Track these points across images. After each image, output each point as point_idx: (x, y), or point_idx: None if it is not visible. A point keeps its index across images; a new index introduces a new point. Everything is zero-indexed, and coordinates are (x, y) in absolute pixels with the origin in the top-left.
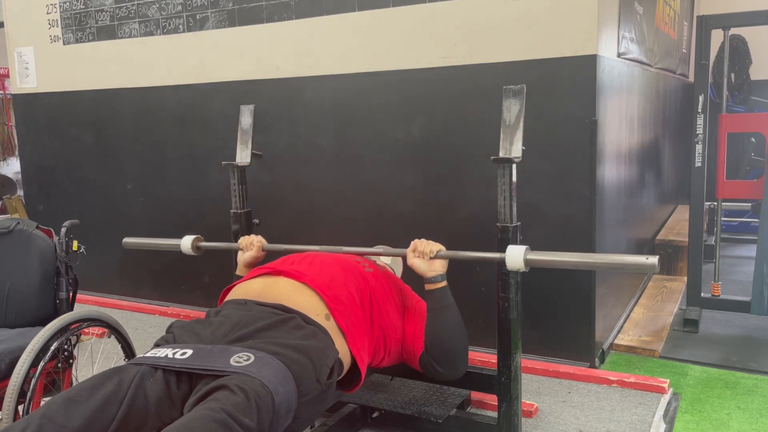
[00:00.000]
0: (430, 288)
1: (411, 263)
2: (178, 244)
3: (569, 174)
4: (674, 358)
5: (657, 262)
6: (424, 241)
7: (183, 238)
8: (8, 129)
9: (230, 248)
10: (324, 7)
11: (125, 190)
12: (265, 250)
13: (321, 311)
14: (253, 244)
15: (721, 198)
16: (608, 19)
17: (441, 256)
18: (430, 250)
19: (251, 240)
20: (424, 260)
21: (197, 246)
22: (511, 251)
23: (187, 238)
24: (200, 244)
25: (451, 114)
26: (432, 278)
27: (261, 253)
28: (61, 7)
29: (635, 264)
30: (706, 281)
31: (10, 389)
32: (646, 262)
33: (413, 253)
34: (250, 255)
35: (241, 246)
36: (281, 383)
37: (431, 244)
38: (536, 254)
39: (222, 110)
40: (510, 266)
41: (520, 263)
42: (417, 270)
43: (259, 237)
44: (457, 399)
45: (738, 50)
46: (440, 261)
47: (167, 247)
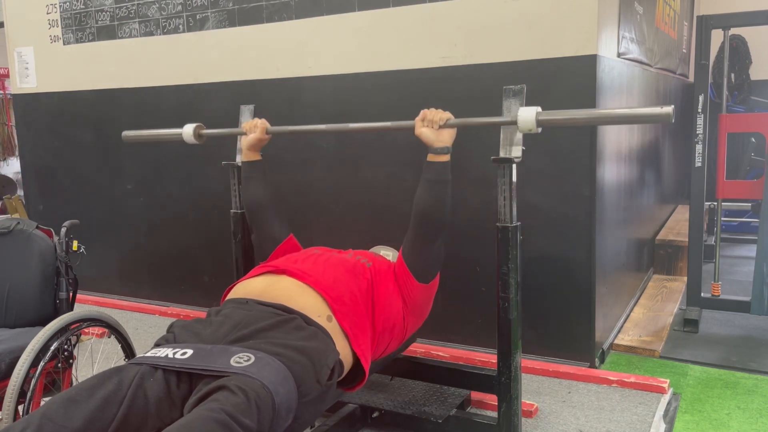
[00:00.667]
0: (433, 159)
1: (419, 132)
2: (180, 133)
3: (569, 174)
4: (674, 358)
5: (672, 112)
6: (433, 110)
7: (185, 126)
8: (8, 129)
9: (233, 133)
10: (324, 7)
11: (125, 190)
12: (269, 133)
13: (323, 312)
14: (256, 126)
15: (721, 198)
16: (608, 19)
17: (450, 124)
18: (439, 117)
19: (255, 122)
20: (433, 129)
21: (199, 134)
22: (523, 112)
23: (189, 126)
24: (202, 131)
25: (451, 114)
26: (438, 149)
27: (264, 136)
28: (61, 7)
29: (649, 114)
30: (706, 281)
31: (10, 389)
32: (660, 112)
33: (422, 122)
34: (254, 137)
35: (244, 129)
36: (281, 384)
37: (440, 113)
38: (548, 114)
39: (222, 110)
40: (522, 127)
41: (533, 123)
42: (425, 139)
43: (262, 119)
44: (457, 399)
45: (738, 50)
46: (448, 131)
47: (169, 137)
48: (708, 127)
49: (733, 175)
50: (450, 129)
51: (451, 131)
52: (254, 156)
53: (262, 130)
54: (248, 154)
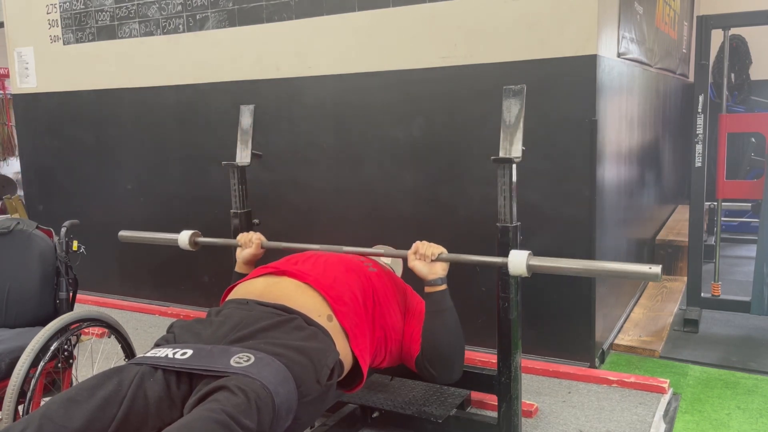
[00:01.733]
0: (429, 291)
1: (412, 265)
2: (176, 239)
3: (569, 174)
4: (674, 358)
5: (660, 272)
6: (426, 243)
7: (181, 233)
8: (8, 129)
9: (228, 244)
10: (324, 7)
11: (125, 190)
12: (264, 248)
13: (323, 312)
14: (252, 241)
15: (721, 198)
16: (608, 19)
17: (442, 259)
18: (431, 252)
19: (250, 237)
20: (425, 263)
21: (195, 241)
22: (514, 257)
23: (185, 233)
24: (198, 239)
25: (451, 114)
26: (432, 281)
27: (260, 251)
28: (61, 7)
29: (638, 273)
30: (706, 281)
31: (10, 389)
32: (649, 272)
33: (414, 255)
34: (249, 252)
35: (239, 243)
36: (281, 384)
37: (433, 247)
38: (539, 260)
39: (222, 110)
40: (512, 272)
41: (523, 269)
42: (417, 273)
43: (258, 234)
44: (457, 399)
45: (738, 50)
46: (441, 264)
47: (164, 242)
48: (708, 127)
49: (733, 175)
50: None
51: (444, 264)
52: (248, 270)
53: (257, 246)
54: (243, 267)
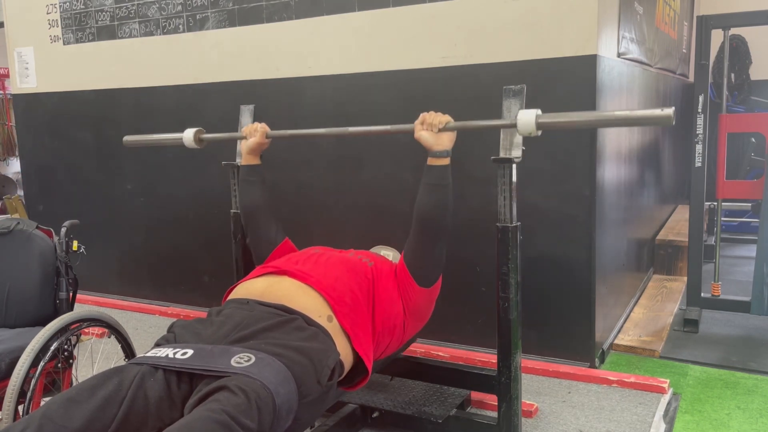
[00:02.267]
0: (433, 163)
1: (418, 136)
2: (180, 138)
3: (569, 174)
4: (674, 358)
5: (673, 114)
6: (432, 113)
7: (185, 131)
8: (8, 129)
9: (233, 137)
10: (324, 7)
11: (125, 190)
12: (269, 137)
13: (324, 312)
14: (256, 131)
15: (721, 198)
16: (608, 19)
17: (450, 127)
18: (439, 121)
19: (255, 127)
20: (432, 132)
21: (199, 138)
22: (523, 115)
23: (189, 131)
24: (203, 136)
25: (451, 114)
26: (437, 152)
27: (264, 140)
28: (61, 7)
29: (649, 117)
30: (706, 281)
31: (10, 389)
32: (661, 114)
33: (421, 126)
34: (254, 141)
35: (244, 134)
36: (282, 384)
37: (439, 116)
38: (548, 117)
39: (222, 110)
40: (522, 130)
41: (532, 126)
42: (424, 143)
43: (262, 124)
44: (457, 399)
45: (738, 50)
46: (448, 135)
47: (169, 142)
48: (708, 127)
49: (733, 175)
50: (449, 132)
51: (451, 134)
52: (254, 160)
53: (261, 134)
54: (248, 158)
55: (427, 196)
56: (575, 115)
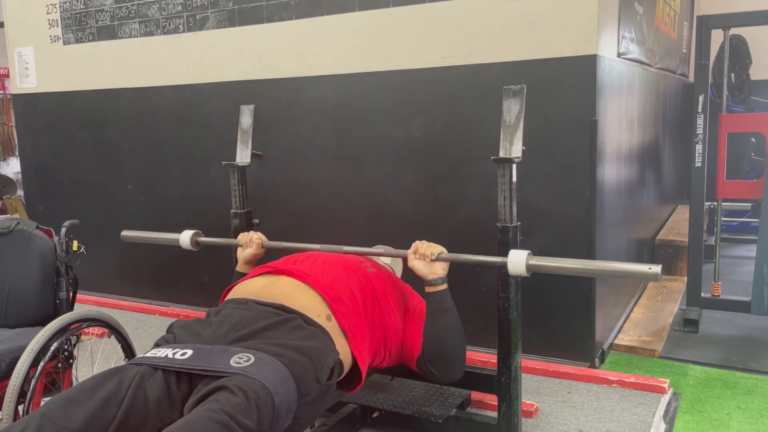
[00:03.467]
0: (430, 290)
1: (412, 265)
2: (177, 239)
3: (569, 174)
4: (674, 358)
5: (660, 272)
6: (426, 243)
7: (182, 233)
8: (8, 129)
9: (229, 244)
10: (324, 7)
11: (125, 190)
12: (264, 247)
13: (322, 312)
14: (252, 241)
15: (721, 198)
16: (608, 19)
17: (442, 258)
18: (431, 252)
19: (251, 236)
20: (425, 262)
21: (196, 241)
22: (513, 256)
23: (186, 233)
24: (199, 239)
25: (451, 114)
26: (432, 281)
27: (260, 250)
28: (61, 7)
29: (638, 273)
30: (706, 281)
31: (10, 389)
32: (648, 272)
33: (414, 255)
34: (250, 252)
35: (240, 242)
36: (281, 384)
37: (432, 247)
38: (538, 260)
39: (222, 110)
40: (512, 271)
41: (522, 269)
42: (417, 272)
43: (258, 234)
44: (457, 399)
45: (738, 50)
46: (441, 264)
47: (166, 242)
48: (708, 127)
49: (733, 175)
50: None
51: (444, 263)
52: (249, 269)
53: (257, 245)
54: (243, 267)
55: (431, 324)
56: (565, 261)
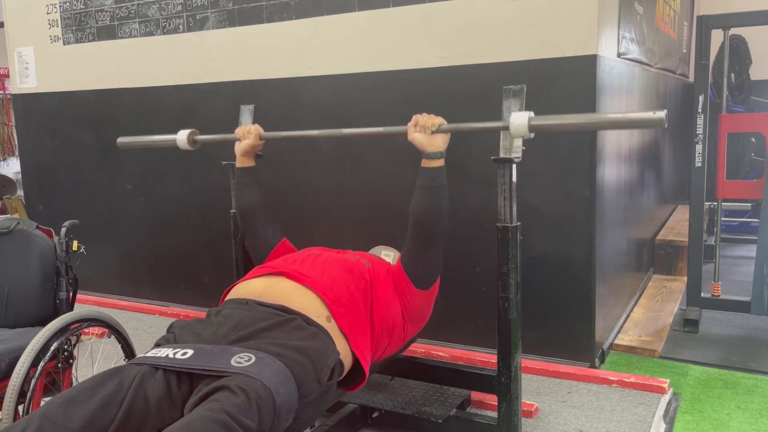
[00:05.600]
0: (427, 164)
1: (412, 137)
2: (174, 139)
3: (569, 174)
4: (674, 358)
5: (665, 117)
6: (425, 115)
7: (178, 133)
8: (8, 129)
9: (227, 139)
10: (324, 7)
11: (125, 190)
12: (262, 139)
13: (322, 313)
14: (250, 132)
15: (721, 198)
16: (608, 19)
17: (443, 129)
18: (432, 123)
19: (248, 128)
20: (426, 134)
21: (193, 140)
22: (515, 117)
23: (183, 132)
24: (196, 137)
25: (451, 114)
26: (431, 153)
27: (258, 141)
28: (61, 7)
29: (642, 120)
30: (706, 281)
31: (10, 389)
32: (653, 117)
33: (414, 128)
34: (248, 143)
35: (238, 135)
36: (282, 384)
37: (433, 118)
38: (541, 119)
39: (222, 110)
40: (515, 133)
41: (525, 129)
42: (417, 145)
43: (256, 125)
44: (457, 399)
45: (738, 50)
46: (441, 136)
47: (163, 143)
48: (708, 127)
49: (733, 175)
50: (443, 134)
51: (444, 136)
52: (248, 162)
53: (255, 136)
54: (242, 160)
55: (422, 199)
56: (567, 118)
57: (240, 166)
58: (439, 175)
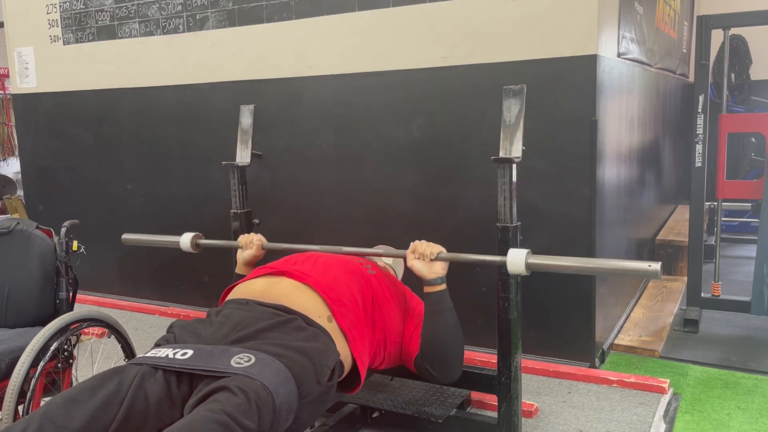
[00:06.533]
0: (429, 290)
1: (411, 265)
2: (178, 241)
3: (569, 174)
4: (674, 358)
5: (660, 269)
6: (425, 242)
7: (182, 236)
8: (8, 129)
9: (229, 246)
10: (324, 7)
11: (125, 190)
12: (264, 249)
13: (323, 313)
14: (252, 243)
15: (721, 198)
16: (608, 19)
17: (441, 258)
18: (430, 252)
19: (251, 238)
20: (425, 262)
21: (196, 243)
22: (513, 255)
23: (187, 236)
24: (199, 241)
25: (451, 114)
26: (431, 281)
27: (260, 252)
28: (61, 7)
29: (638, 270)
30: (706, 281)
31: (10, 389)
32: (648, 269)
33: (413, 255)
34: (250, 253)
35: (240, 244)
36: (282, 384)
37: (431, 246)
38: (538, 258)
39: (222, 110)
40: (511, 270)
41: (522, 268)
42: (416, 272)
43: (258, 235)
44: (457, 399)
45: (738, 50)
46: (440, 263)
47: (166, 244)
48: (708, 127)
49: (733, 175)
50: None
51: (443, 263)
52: (249, 271)
53: (257, 247)
54: (243, 268)
55: (430, 324)
56: (564, 260)
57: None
58: (443, 299)
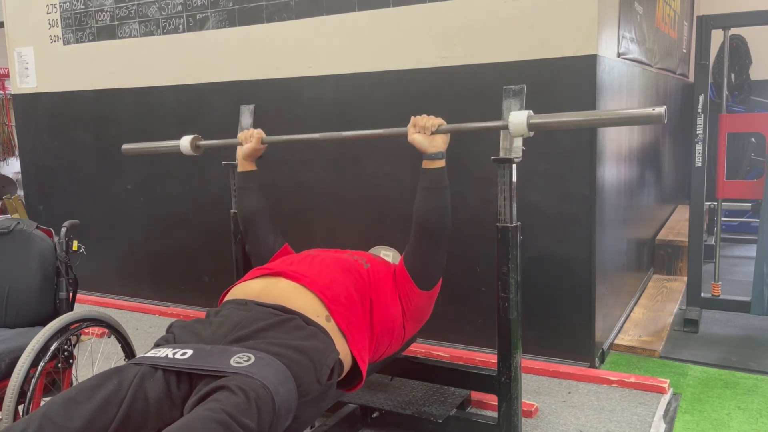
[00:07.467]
0: (428, 165)
1: (412, 139)
2: (177, 145)
3: (569, 174)
4: (674, 358)
5: (664, 112)
6: (425, 116)
7: (182, 138)
8: (8, 129)
9: (229, 144)
10: (324, 7)
11: (125, 190)
12: (264, 143)
13: (321, 313)
14: (252, 136)
15: (721, 198)
16: (608, 19)
17: (442, 130)
18: (431, 124)
19: (250, 132)
20: (425, 135)
21: (196, 145)
22: (514, 116)
23: (186, 138)
24: (199, 143)
25: (451, 114)
26: (432, 154)
27: (260, 145)
28: (61, 7)
29: (641, 116)
30: (706, 281)
31: (10, 389)
32: (652, 113)
33: (414, 129)
34: (250, 147)
35: (240, 139)
36: (281, 384)
37: (432, 119)
38: (539, 117)
39: (222, 110)
40: (514, 132)
41: (524, 128)
42: (417, 146)
43: (258, 129)
44: (457, 399)
45: (738, 50)
46: (441, 136)
47: (167, 149)
48: (708, 127)
49: (733, 175)
50: (443, 134)
51: (444, 136)
52: (250, 166)
53: (257, 140)
54: (243, 164)
55: (424, 200)
56: (567, 116)
57: (242, 170)
58: (441, 176)
